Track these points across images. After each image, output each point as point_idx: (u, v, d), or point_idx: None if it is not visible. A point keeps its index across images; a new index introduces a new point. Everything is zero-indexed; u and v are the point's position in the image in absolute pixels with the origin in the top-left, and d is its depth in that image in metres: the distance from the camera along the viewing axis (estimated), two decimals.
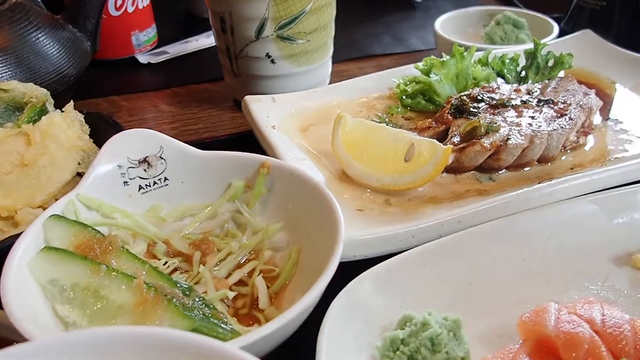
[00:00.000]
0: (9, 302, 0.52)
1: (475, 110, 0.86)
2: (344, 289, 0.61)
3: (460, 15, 1.35)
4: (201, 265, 0.67)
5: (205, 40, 1.39)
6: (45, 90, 0.85)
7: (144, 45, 1.33)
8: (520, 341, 0.58)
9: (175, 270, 0.67)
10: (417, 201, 0.77)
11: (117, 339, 0.42)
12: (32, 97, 0.83)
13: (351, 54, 1.32)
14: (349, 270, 0.63)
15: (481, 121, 0.82)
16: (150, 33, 1.33)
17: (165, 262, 0.67)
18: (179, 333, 0.42)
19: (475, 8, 1.39)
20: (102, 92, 1.21)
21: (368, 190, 0.79)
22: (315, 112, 0.96)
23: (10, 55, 0.97)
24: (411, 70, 1.02)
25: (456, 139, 0.82)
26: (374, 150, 0.80)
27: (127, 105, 1.18)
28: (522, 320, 0.59)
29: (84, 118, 0.83)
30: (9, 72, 0.95)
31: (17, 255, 0.57)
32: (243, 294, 0.66)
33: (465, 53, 0.97)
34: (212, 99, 1.18)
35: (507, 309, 0.64)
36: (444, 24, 1.27)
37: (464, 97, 0.89)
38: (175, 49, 1.36)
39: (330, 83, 1.14)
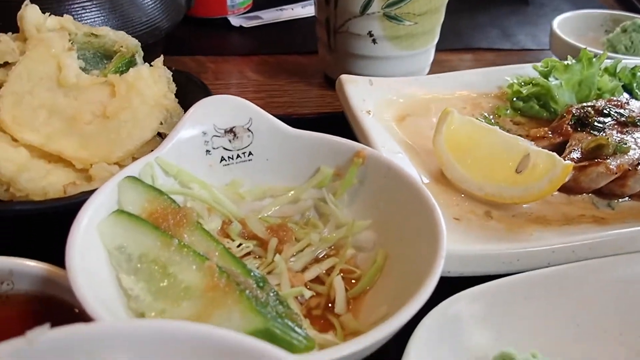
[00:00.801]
0: (73, 266, 0.47)
1: (601, 125, 0.76)
2: (436, 307, 0.53)
3: (580, 16, 1.22)
4: (277, 254, 0.61)
5: (301, 10, 1.33)
6: (137, 41, 0.80)
7: (238, 8, 1.28)
8: None
9: (248, 254, 0.62)
10: (523, 219, 0.68)
11: (184, 339, 0.36)
12: (122, 46, 0.79)
13: (453, 44, 1.22)
14: (438, 287, 0.55)
15: (609, 139, 0.71)
16: None
17: (239, 245, 0.62)
18: (252, 342, 0.36)
19: (598, 11, 1.26)
20: (191, 50, 1.17)
21: (467, 197, 0.71)
22: (414, 101, 0.88)
23: (104, 2, 0.93)
24: (526, 70, 0.92)
25: (576, 155, 0.72)
26: (480, 154, 0.71)
27: (213, 67, 1.13)
28: None
29: (172, 76, 0.78)
30: (102, 18, 0.92)
31: (87, 215, 0.53)
32: (318, 292, 0.59)
33: (594, 59, 0.86)
34: (301, 72, 1.11)
35: None
36: (562, 23, 1.15)
37: (588, 109, 0.78)
38: (269, 15, 1.30)
39: (429, 72, 1.05)
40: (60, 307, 0.52)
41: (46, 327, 0.35)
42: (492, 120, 0.86)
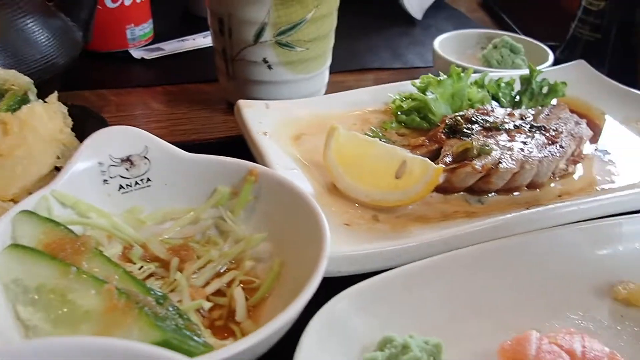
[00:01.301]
0: None
1: (469, 131, 0.85)
2: (324, 306, 0.59)
3: (459, 36, 1.35)
4: (178, 272, 0.64)
5: (203, 40, 1.37)
6: (29, 78, 0.82)
7: (139, 40, 1.30)
8: None
9: (150, 275, 0.65)
10: (406, 219, 0.76)
11: (73, 350, 0.39)
12: (13, 85, 0.80)
13: (349, 66, 1.30)
14: (333, 286, 0.61)
15: (474, 143, 0.81)
16: (146, 28, 1.31)
17: (141, 267, 0.64)
18: (141, 347, 0.39)
19: (474, 30, 1.39)
20: (92, 84, 1.18)
21: (357, 204, 0.78)
22: (309, 121, 0.94)
23: None
24: (408, 87, 1.01)
25: (448, 159, 0.81)
26: (365, 164, 0.78)
27: (116, 100, 1.15)
28: (502, 347, 0.58)
29: (68, 110, 0.80)
30: None
31: None
32: (220, 304, 0.63)
33: (462, 74, 0.96)
34: (204, 101, 1.15)
35: (489, 336, 0.62)
36: (443, 43, 1.27)
37: (459, 118, 0.88)
38: (171, 47, 1.33)
39: (326, 93, 1.12)
40: None
41: None
42: (380, 134, 0.94)
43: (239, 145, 0.90)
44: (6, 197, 0.69)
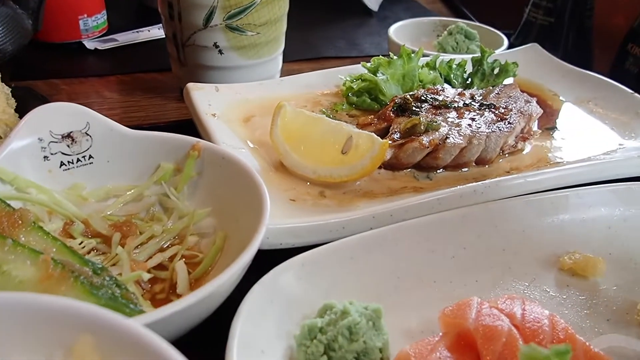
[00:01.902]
0: None
1: (418, 109, 0.86)
2: (266, 275, 0.59)
3: (414, 24, 1.36)
4: (119, 246, 0.63)
5: (157, 32, 1.36)
6: None
7: (92, 31, 1.29)
8: (441, 334, 0.57)
9: (92, 250, 0.64)
10: (352, 195, 0.76)
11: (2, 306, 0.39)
12: None
13: (304, 55, 1.31)
14: (275, 260, 0.61)
15: (422, 119, 0.82)
16: (99, 19, 1.30)
17: (81, 242, 0.64)
18: (73, 303, 0.39)
19: (429, 18, 1.41)
20: (44, 74, 1.16)
21: (302, 181, 0.78)
22: (259, 104, 0.94)
23: None
24: (359, 69, 1.02)
25: (396, 136, 0.82)
26: (312, 141, 0.79)
27: (67, 89, 1.13)
28: (443, 313, 0.58)
29: (12, 91, 0.79)
30: None
31: None
32: (162, 278, 0.63)
33: (412, 55, 0.97)
34: (157, 89, 1.14)
35: (432, 304, 0.62)
36: (398, 31, 1.28)
37: (408, 97, 0.89)
38: (125, 38, 1.32)
39: None
40: None
41: None
42: (330, 115, 0.94)
43: (189, 129, 0.89)
44: None
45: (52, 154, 0.68)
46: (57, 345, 0.38)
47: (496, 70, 1.02)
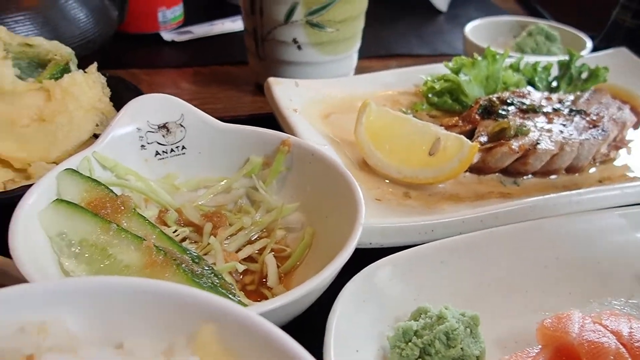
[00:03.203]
0: (16, 246, 0.50)
1: (505, 112, 0.84)
2: (359, 273, 0.59)
3: (490, 23, 1.33)
4: (211, 236, 0.65)
5: (231, 25, 1.38)
6: (70, 49, 0.83)
7: (170, 23, 1.31)
8: (540, 347, 0.55)
9: (184, 239, 0.65)
10: (438, 197, 0.75)
11: (127, 289, 0.40)
12: (56, 55, 0.82)
13: (376, 51, 1.30)
14: (362, 259, 0.61)
15: (511, 123, 0.80)
16: (177, 11, 1.32)
17: (175, 230, 0.65)
18: (196, 291, 0.39)
19: (506, 17, 1.38)
20: (125, 65, 1.19)
21: (387, 181, 0.77)
22: (338, 100, 0.94)
23: (37, 15, 0.95)
24: (439, 69, 1.00)
25: (483, 139, 0.80)
26: (397, 141, 0.78)
27: (147, 79, 1.16)
28: (542, 325, 0.56)
29: (106, 81, 0.82)
30: (35, 32, 0.93)
31: (28, 204, 0.55)
32: (252, 270, 0.64)
33: (497, 56, 0.95)
34: (233, 81, 1.16)
35: (525, 314, 0.61)
36: (474, 30, 1.26)
37: (493, 99, 0.87)
38: (200, 30, 1.34)
39: None
40: None
41: None
42: (411, 115, 0.93)
43: (269, 124, 0.89)
44: (49, 160, 0.70)
45: (148, 143, 0.69)
46: (180, 331, 0.39)
47: (584, 75, 0.99)
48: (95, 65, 0.82)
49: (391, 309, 0.59)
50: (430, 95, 0.96)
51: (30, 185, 0.59)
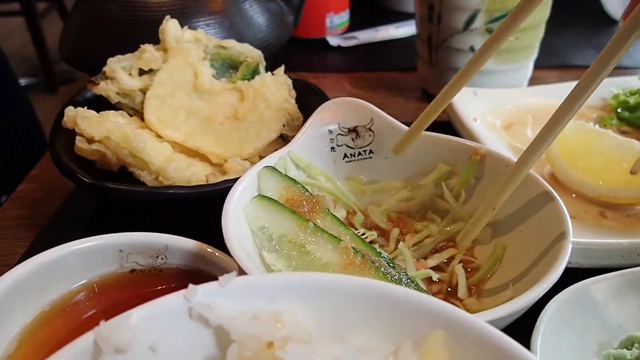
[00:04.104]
0: (231, 237, 0.53)
1: None
2: (562, 293, 0.55)
3: None
4: (400, 242, 0.64)
5: (395, 31, 1.38)
6: (260, 52, 0.88)
7: (336, 28, 1.35)
8: None
9: (371, 242, 0.66)
10: (638, 218, 0.69)
11: (354, 288, 0.40)
12: (247, 57, 0.87)
13: (550, 61, 1.23)
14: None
15: None
16: (343, 17, 1.35)
17: (363, 233, 0.66)
18: (426, 296, 0.39)
19: None
20: (293, 68, 1.23)
21: (576, 197, 0.73)
22: (517, 111, 0.91)
23: (225, 19, 1.02)
24: (631, 82, 0.93)
25: None
26: (593, 157, 0.73)
27: (316, 82, 1.17)
28: None
29: (292, 84, 0.85)
30: (223, 35, 1.00)
31: (235, 197, 0.59)
32: (440, 279, 0.63)
33: None
34: (399, 87, 1.16)
35: None
36: None
37: None
38: (365, 36, 1.36)
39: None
40: (207, 280, 0.58)
41: (234, 274, 0.40)
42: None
43: (437, 131, 0.88)
44: (242, 157, 0.74)
45: (338, 145, 0.71)
46: (408, 335, 0.39)
47: None
48: (282, 67, 0.86)
49: (595, 333, 0.55)
50: (619, 110, 0.89)
51: (231, 180, 0.62)
